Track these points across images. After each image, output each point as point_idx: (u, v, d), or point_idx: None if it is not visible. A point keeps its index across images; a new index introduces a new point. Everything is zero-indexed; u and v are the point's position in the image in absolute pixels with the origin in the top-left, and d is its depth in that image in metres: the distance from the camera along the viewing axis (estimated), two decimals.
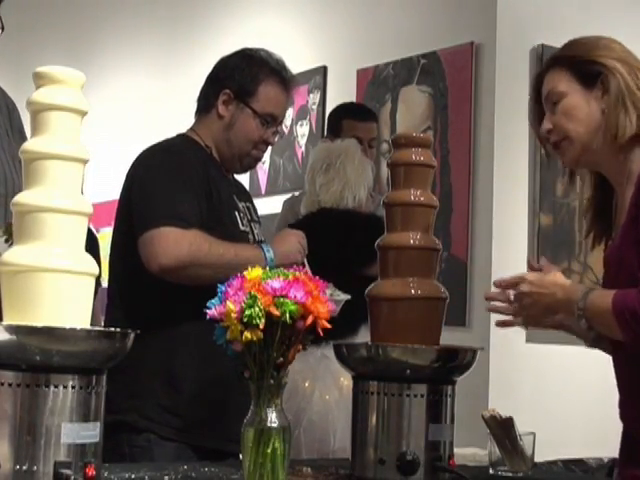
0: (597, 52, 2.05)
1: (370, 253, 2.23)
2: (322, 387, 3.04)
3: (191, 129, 2.69)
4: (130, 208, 2.52)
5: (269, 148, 2.77)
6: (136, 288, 2.53)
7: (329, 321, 1.82)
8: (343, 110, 4.05)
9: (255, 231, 2.66)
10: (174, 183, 2.48)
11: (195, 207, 2.48)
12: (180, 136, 2.69)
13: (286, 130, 5.04)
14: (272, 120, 2.65)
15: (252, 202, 2.79)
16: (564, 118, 2.05)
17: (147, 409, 2.46)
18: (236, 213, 2.61)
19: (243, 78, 2.63)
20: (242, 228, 2.60)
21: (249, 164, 2.72)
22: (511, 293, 2.06)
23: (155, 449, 2.43)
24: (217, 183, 2.57)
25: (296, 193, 4.09)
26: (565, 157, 2.08)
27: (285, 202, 3.94)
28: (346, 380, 2.71)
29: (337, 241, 3.18)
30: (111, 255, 2.64)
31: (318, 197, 3.34)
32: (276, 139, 2.72)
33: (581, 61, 2.07)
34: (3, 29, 2.32)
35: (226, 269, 2.18)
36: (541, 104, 2.13)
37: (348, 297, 2.32)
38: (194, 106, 2.75)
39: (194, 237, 2.41)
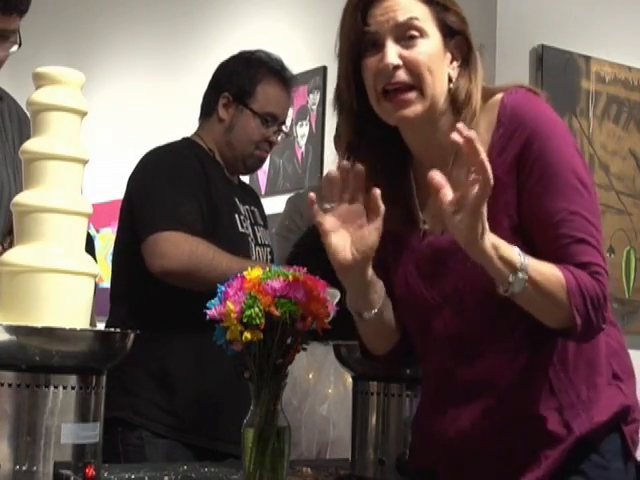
0: (458, 7, 1.71)
1: None
2: (326, 380, 3.04)
3: (195, 134, 2.70)
4: (132, 211, 2.53)
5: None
6: (137, 288, 2.54)
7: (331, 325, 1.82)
8: None
9: (258, 234, 2.65)
10: (175, 186, 2.48)
11: (196, 209, 2.48)
12: (184, 139, 2.70)
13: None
14: (272, 119, 2.65)
15: (259, 206, 2.79)
16: (424, 60, 1.62)
17: (142, 406, 2.47)
18: (236, 216, 2.60)
19: (241, 80, 2.64)
20: (241, 230, 2.60)
21: (253, 165, 2.71)
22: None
23: (148, 446, 2.44)
24: (217, 184, 2.57)
25: (300, 191, 4.08)
26: (406, 111, 1.62)
27: (289, 199, 3.93)
28: (349, 377, 2.72)
29: None
30: (114, 254, 2.65)
31: None
32: (280, 138, 2.72)
33: (444, 6, 1.68)
34: (20, 45, 2.33)
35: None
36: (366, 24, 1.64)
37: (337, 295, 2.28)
38: (194, 106, 2.75)
39: (197, 244, 2.41)
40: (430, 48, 1.64)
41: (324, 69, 5.00)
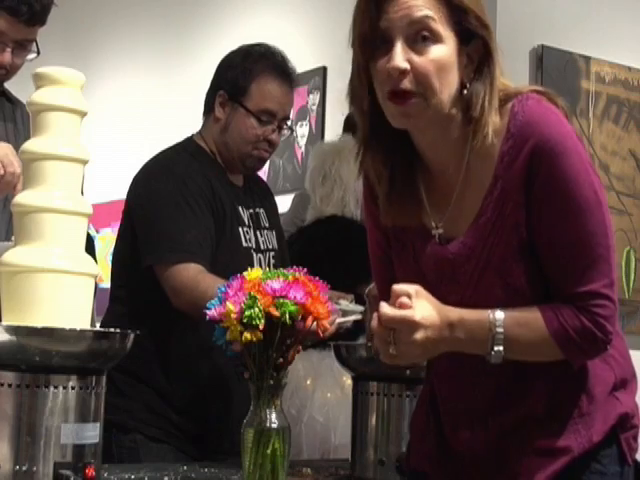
0: (481, 7, 1.60)
1: (363, 272, 2.18)
2: (323, 385, 3.04)
3: (198, 133, 2.61)
4: (133, 226, 2.48)
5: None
6: (136, 293, 2.51)
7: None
8: None
9: (260, 240, 2.58)
10: (181, 209, 2.40)
11: (202, 233, 2.40)
12: (187, 141, 2.61)
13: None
14: (269, 117, 2.52)
15: (266, 205, 2.69)
16: (434, 69, 1.55)
17: (137, 410, 2.45)
18: (240, 229, 2.52)
19: (236, 76, 2.52)
20: (245, 244, 2.52)
21: (253, 165, 2.58)
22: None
23: (142, 450, 2.42)
24: (221, 197, 2.49)
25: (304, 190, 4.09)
26: (408, 117, 1.58)
27: (296, 196, 3.94)
28: (348, 379, 2.71)
29: (335, 254, 3.13)
30: (114, 256, 2.62)
31: (320, 210, 3.34)
32: (280, 136, 2.58)
33: (464, 9, 1.58)
34: (39, 53, 2.33)
35: None
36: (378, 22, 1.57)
37: (359, 317, 2.25)
38: (194, 105, 2.72)
39: (213, 281, 2.25)
40: (442, 54, 1.56)
41: (324, 69, 5.00)
